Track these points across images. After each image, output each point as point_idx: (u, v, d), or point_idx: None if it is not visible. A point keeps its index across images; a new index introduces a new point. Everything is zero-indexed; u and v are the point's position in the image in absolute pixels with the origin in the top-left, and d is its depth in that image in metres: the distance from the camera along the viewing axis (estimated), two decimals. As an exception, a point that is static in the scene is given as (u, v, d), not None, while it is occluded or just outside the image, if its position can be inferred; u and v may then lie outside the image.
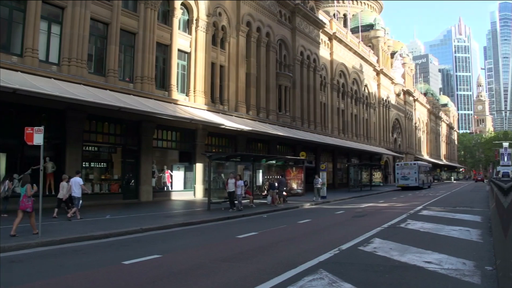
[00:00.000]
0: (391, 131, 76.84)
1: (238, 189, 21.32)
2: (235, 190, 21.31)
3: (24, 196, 12.42)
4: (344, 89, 57.49)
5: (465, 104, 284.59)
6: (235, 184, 21.37)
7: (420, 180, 51.15)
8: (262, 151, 38.18)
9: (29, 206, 12.40)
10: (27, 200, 12.41)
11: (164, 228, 15.01)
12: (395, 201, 30.60)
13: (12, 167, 20.51)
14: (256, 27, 37.27)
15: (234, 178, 21.55)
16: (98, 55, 24.78)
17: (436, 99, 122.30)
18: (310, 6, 47.74)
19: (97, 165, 25.75)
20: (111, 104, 20.73)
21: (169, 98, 27.78)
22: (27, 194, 12.42)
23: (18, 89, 16.65)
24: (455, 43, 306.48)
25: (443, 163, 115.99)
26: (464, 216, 18.65)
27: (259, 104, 37.54)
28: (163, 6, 28.89)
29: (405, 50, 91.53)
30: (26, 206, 12.34)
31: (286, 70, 42.88)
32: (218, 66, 33.32)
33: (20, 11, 20.66)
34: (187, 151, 30.70)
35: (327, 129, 51.49)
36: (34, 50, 20.44)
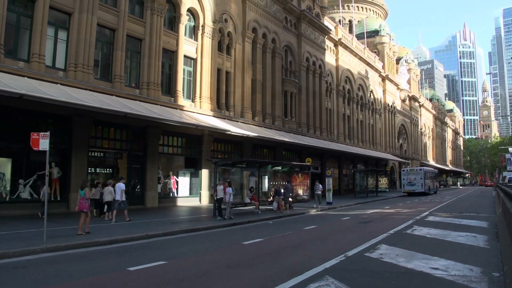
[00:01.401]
0: (397, 136, 76.60)
1: (227, 196, 20.28)
2: (223, 197, 20.26)
3: (82, 199, 14.02)
4: (349, 95, 57.40)
5: (471, 109, 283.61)
6: (224, 191, 20.40)
7: (426, 185, 50.89)
8: (268, 157, 38.15)
9: (86, 207, 13.97)
10: (85, 202, 13.98)
11: (170, 234, 14.99)
12: (401, 207, 30.44)
13: (17, 172, 20.63)
14: (262, 33, 37.35)
15: (223, 185, 20.65)
16: (104, 60, 24.90)
17: (441, 105, 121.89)
18: (316, 13, 47.81)
19: (102, 170, 25.81)
20: (117, 110, 20.79)
21: (175, 104, 27.83)
22: (85, 197, 14.05)
23: (24, 95, 16.74)
24: (460, 49, 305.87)
25: (449, 168, 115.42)
26: (471, 222, 18.53)
27: (265, 110, 37.55)
28: (170, 12, 29.02)
29: (410, 56, 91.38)
30: (83, 207, 13.90)
31: (291, 76, 42.89)
32: (224, 72, 33.39)
33: (27, 17, 20.84)
34: (193, 157, 30.71)
35: (333, 135, 51.40)
36: (40, 56, 20.57)
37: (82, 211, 13.91)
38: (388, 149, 70.76)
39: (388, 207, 30.59)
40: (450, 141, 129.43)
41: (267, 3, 38.19)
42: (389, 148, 71.22)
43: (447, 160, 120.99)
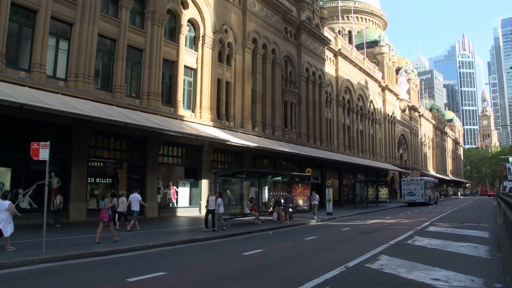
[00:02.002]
0: (397, 146, 76.61)
1: (220, 208, 19.72)
2: (215, 208, 19.63)
3: (103, 209, 14.60)
4: (349, 105, 57.50)
5: (471, 119, 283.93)
6: (216, 201, 19.84)
7: (427, 196, 50.77)
8: (268, 167, 38.12)
9: (106, 217, 14.44)
10: (105, 212, 14.49)
11: (169, 245, 14.92)
12: (401, 217, 30.35)
13: (17, 182, 20.57)
14: (262, 43, 37.50)
15: (215, 195, 20.14)
16: (105, 71, 24.97)
17: (441, 115, 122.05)
18: (316, 23, 48.05)
19: (102, 180, 25.76)
20: (117, 120, 20.80)
21: (175, 114, 27.86)
22: (106, 207, 14.65)
23: (25, 104, 16.77)
24: (459, 59, 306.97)
25: (449, 178, 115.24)
26: (472, 232, 18.46)
27: (265, 120, 37.58)
28: (170, 23, 29.16)
29: (409, 66, 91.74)
30: (103, 217, 14.40)
31: (291, 86, 42.99)
32: (224, 82, 33.47)
33: (29, 27, 20.94)
34: (193, 167, 30.67)
35: (333, 145, 51.40)
36: (41, 66, 20.64)
37: (102, 221, 14.40)
38: (388, 159, 70.73)
39: (389, 217, 30.50)
40: (450, 151, 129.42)
41: (267, 14, 38.40)
42: (389, 158, 71.19)
43: (447, 170, 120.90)
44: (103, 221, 14.41)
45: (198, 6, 30.65)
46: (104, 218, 14.40)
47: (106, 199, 14.82)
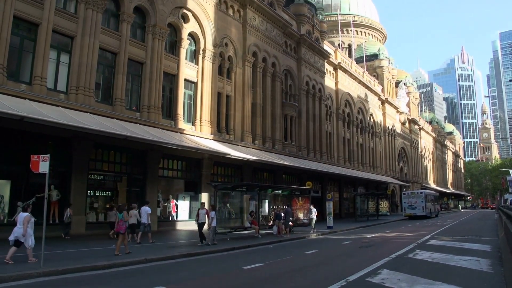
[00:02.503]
0: (397, 160, 76.54)
1: (214, 221, 19.42)
2: (205, 222, 19.43)
3: (120, 221, 15.13)
4: (349, 118, 57.58)
5: (471, 132, 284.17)
6: (207, 215, 19.60)
7: (427, 209, 50.57)
8: (268, 180, 38.03)
9: (123, 229, 15.04)
10: (122, 224, 15.06)
11: (169, 259, 14.83)
12: (402, 230, 30.21)
13: (16, 195, 20.49)
14: (262, 57, 37.67)
15: (205, 209, 19.98)
16: (105, 84, 25.05)
17: (441, 128, 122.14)
18: (315, 37, 48.32)
19: (102, 193, 25.68)
20: (117, 133, 20.80)
21: (175, 128, 27.88)
22: (124, 219, 15.17)
23: (25, 117, 16.79)
24: (459, 72, 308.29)
25: (450, 191, 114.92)
26: (473, 246, 18.36)
27: (265, 133, 37.59)
28: (171, 37, 29.32)
29: (409, 79, 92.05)
30: (120, 228, 15.01)
31: (291, 99, 43.09)
32: (224, 95, 33.55)
33: (30, 40, 21.07)
34: (193, 181, 30.60)
35: (333, 159, 51.36)
36: (42, 79, 20.72)
37: (119, 233, 15.06)
38: (389, 172, 70.63)
39: (389, 230, 30.36)
40: (451, 164, 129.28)
41: (267, 28, 38.63)
42: (389, 171, 71.09)
43: (448, 183, 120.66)
44: (120, 232, 15.02)
45: (198, 20, 30.85)
46: (120, 230, 14.99)
47: (124, 212, 15.52)
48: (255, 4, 36.42)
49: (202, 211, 19.89)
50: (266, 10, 37.83)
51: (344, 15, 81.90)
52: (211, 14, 31.84)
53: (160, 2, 27.53)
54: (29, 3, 20.76)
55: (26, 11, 20.60)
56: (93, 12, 23.34)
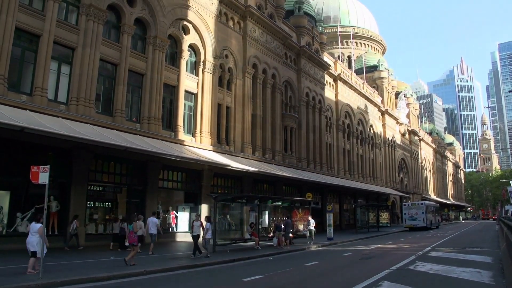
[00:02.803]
0: (397, 171, 76.45)
1: (208, 233, 19.20)
2: (200, 234, 19.10)
3: (131, 233, 15.83)
4: (349, 129, 57.63)
5: (471, 142, 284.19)
6: (202, 226, 19.30)
7: (428, 220, 50.38)
8: (268, 192, 37.95)
9: (135, 240, 15.64)
10: (134, 236, 15.66)
11: (168, 271, 14.75)
12: (403, 242, 30.08)
13: (16, 205, 20.45)
14: (262, 68, 37.80)
15: (200, 221, 19.66)
16: (106, 95, 25.11)
17: (441, 139, 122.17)
18: (315, 49, 48.54)
19: (101, 204, 25.58)
20: (118, 144, 20.82)
21: (176, 139, 27.89)
22: (134, 231, 15.88)
23: (25, 128, 16.83)
24: (458, 83, 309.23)
25: (450, 202, 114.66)
26: (474, 257, 18.27)
27: (265, 145, 37.59)
28: (171, 48, 29.46)
29: (409, 90, 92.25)
30: (133, 240, 15.58)
31: (291, 111, 43.16)
32: (225, 107, 33.61)
33: (31, 51, 21.18)
34: (193, 192, 30.53)
35: (333, 170, 51.30)
36: (43, 90, 20.78)
37: (132, 244, 15.53)
38: (389, 183, 70.52)
39: (390, 242, 30.23)
40: (451, 175, 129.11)
41: (267, 39, 38.83)
42: (389, 182, 70.98)
43: (448, 194, 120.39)
44: (132, 244, 15.47)
45: (199, 32, 31.01)
46: (133, 242, 15.48)
47: (134, 223, 16.15)
48: (255, 16, 36.65)
49: (196, 223, 19.62)
50: (266, 22, 38.05)
51: (344, 26, 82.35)
52: (211, 26, 32.03)
53: (160, 14, 27.71)
54: (31, 14, 20.93)
55: (27, 22, 20.75)
56: (94, 23, 23.50)
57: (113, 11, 25.55)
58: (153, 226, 19.70)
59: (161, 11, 27.79)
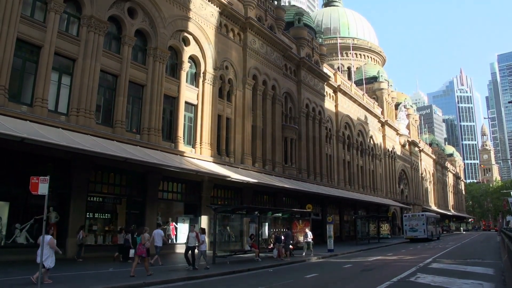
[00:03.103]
0: (397, 182, 76.30)
1: (203, 246, 18.93)
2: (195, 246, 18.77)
3: (140, 244, 15.75)
4: (349, 140, 57.63)
5: (471, 153, 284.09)
6: (197, 238, 18.90)
7: (429, 231, 50.15)
8: (268, 203, 37.83)
9: (144, 252, 15.59)
10: (142, 248, 15.60)
11: (168, 283, 14.65)
12: (403, 253, 29.92)
13: (14, 216, 20.37)
14: (262, 80, 37.90)
15: (195, 231, 19.26)
16: (106, 106, 25.16)
17: (441, 149, 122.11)
18: (315, 60, 48.72)
19: (101, 216, 25.47)
20: (117, 155, 20.80)
21: (176, 150, 27.87)
22: (143, 243, 15.68)
23: (25, 138, 16.84)
24: (458, 94, 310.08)
25: (451, 213, 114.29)
26: (476, 269, 18.15)
27: (265, 156, 37.56)
28: (172, 59, 29.56)
29: (408, 101, 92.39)
30: (141, 252, 15.55)
31: (291, 122, 43.21)
32: (225, 118, 33.63)
33: (32, 62, 21.28)
34: (193, 203, 30.42)
35: (334, 181, 51.21)
36: (44, 100, 20.82)
37: (141, 256, 15.52)
38: (389, 194, 70.36)
39: (391, 253, 30.06)
40: (452, 186, 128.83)
41: (267, 51, 38.98)
42: (390, 193, 70.83)
43: (449, 205, 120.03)
44: (141, 256, 15.47)
45: (199, 43, 31.14)
46: (142, 253, 15.48)
47: (142, 235, 16.04)
48: (255, 28, 36.83)
49: (191, 234, 19.17)
50: (266, 33, 38.24)
51: (344, 38, 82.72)
52: (211, 37, 32.17)
53: (161, 26, 27.85)
54: (32, 25, 21.07)
55: (29, 33, 20.87)
56: (95, 34, 23.62)
57: (114, 23, 25.70)
58: (158, 238, 19.75)
59: (162, 22, 27.94)
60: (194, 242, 18.73)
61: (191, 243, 18.80)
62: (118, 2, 25.56)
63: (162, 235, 20.05)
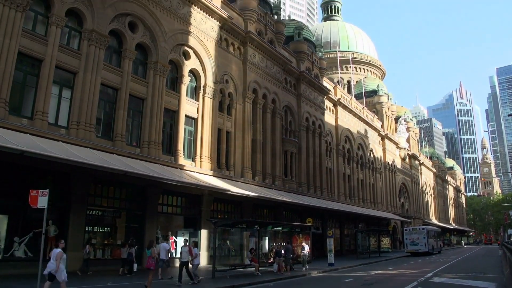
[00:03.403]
0: (398, 195, 76.10)
1: (196, 260, 18.76)
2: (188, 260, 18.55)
3: (149, 257, 16.16)
4: (349, 154, 57.58)
5: (471, 166, 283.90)
6: (190, 252, 18.74)
7: (430, 245, 49.91)
8: (268, 217, 37.68)
9: (153, 265, 16.09)
10: (151, 261, 16.04)
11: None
12: (404, 267, 29.73)
13: (13, 230, 20.25)
14: (262, 93, 38.00)
15: (188, 246, 19.12)
16: (106, 119, 25.18)
17: (441, 163, 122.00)
18: (315, 74, 48.91)
19: (100, 229, 25.29)
20: (117, 169, 20.77)
21: (176, 163, 27.83)
22: (152, 256, 16.15)
23: (25, 151, 16.84)
24: (458, 107, 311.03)
25: (452, 227, 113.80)
26: (478, 283, 18.03)
27: (265, 169, 37.51)
28: (172, 73, 29.68)
29: (408, 114, 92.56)
30: (150, 265, 15.97)
31: (291, 135, 43.23)
32: (225, 132, 33.65)
33: (33, 76, 21.37)
34: (193, 217, 30.28)
35: (334, 195, 51.07)
36: (44, 113, 20.85)
37: (149, 269, 15.91)
38: (390, 208, 70.13)
39: (392, 267, 29.87)
40: (452, 199, 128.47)
41: (267, 65, 39.16)
42: (390, 207, 70.59)
43: (450, 218, 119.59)
44: (150, 269, 15.83)
45: (199, 57, 31.30)
46: (151, 266, 15.88)
47: (152, 249, 16.41)
48: (255, 42, 37.05)
49: (184, 248, 18.96)
50: (266, 47, 38.45)
51: (343, 52, 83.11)
52: (212, 51, 32.34)
53: (162, 40, 28.02)
54: (34, 39, 21.21)
55: (30, 47, 20.99)
56: (96, 48, 23.75)
57: (115, 36, 25.85)
58: (163, 252, 19.83)
59: (162, 36, 28.11)
60: (187, 257, 18.55)
61: (184, 258, 18.63)
62: (119, 16, 25.75)
63: (167, 249, 20.20)
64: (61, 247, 13.12)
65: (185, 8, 30.41)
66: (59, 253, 12.80)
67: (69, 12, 22.89)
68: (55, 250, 12.94)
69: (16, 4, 19.99)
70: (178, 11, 29.79)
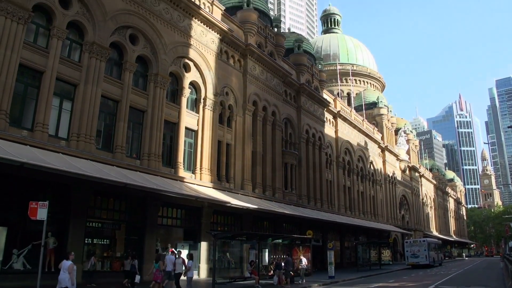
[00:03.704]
0: (398, 207, 75.90)
1: (189, 272, 18.87)
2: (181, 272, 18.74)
3: (157, 270, 16.89)
4: (349, 166, 57.53)
5: (472, 178, 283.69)
6: (184, 264, 18.94)
7: (431, 257, 49.70)
8: (268, 229, 37.53)
9: (160, 278, 16.89)
10: (159, 273, 16.81)
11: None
12: (405, 280, 29.57)
13: (12, 242, 20.15)
14: (262, 106, 38.08)
15: (182, 258, 19.38)
16: (106, 131, 25.20)
17: (442, 175, 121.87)
18: (315, 86, 49.06)
19: (100, 241, 25.19)
20: (117, 181, 20.73)
21: (176, 176, 27.80)
22: (160, 269, 16.80)
23: (25, 163, 16.79)
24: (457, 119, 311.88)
25: (453, 239, 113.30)
26: (480, 297, 17.91)
27: (265, 182, 37.45)
28: (172, 85, 29.77)
29: (408, 126, 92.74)
30: (157, 278, 16.82)
31: (292, 148, 43.23)
32: (225, 144, 33.65)
33: (34, 87, 21.42)
34: (192, 229, 30.14)
35: (334, 207, 50.92)
36: (44, 125, 20.87)
37: (156, 282, 16.51)
38: (390, 220, 69.90)
39: (393, 280, 29.70)
40: (453, 211, 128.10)
41: (267, 77, 39.29)
42: (391, 219, 70.36)
43: (450, 230, 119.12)
44: (157, 281, 16.42)
45: (199, 69, 31.42)
46: (158, 279, 16.49)
47: (160, 262, 16.81)
48: (255, 54, 37.22)
49: (178, 260, 19.27)
50: (266, 60, 38.62)
51: (343, 64, 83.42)
52: (212, 63, 32.48)
53: (162, 52, 28.15)
54: (35, 51, 21.32)
55: (31, 59, 21.09)
56: (97, 60, 23.85)
57: (116, 49, 25.97)
58: (170, 264, 19.88)
59: (163, 49, 28.25)
60: (180, 269, 19.03)
61: (178, 270, 19.10)
62: (120, 28, 25.90)
63: (173, 261, 20.12)
64: (71, 259, 13.10)
65: (185, 21, 30.60)
66: (71, 266, 12.76)
67: (70, 25, 23.03)
68: (66, 262, 12.88)
69: (18, 17, 20.14)
70: (179, 24, 29.98)
